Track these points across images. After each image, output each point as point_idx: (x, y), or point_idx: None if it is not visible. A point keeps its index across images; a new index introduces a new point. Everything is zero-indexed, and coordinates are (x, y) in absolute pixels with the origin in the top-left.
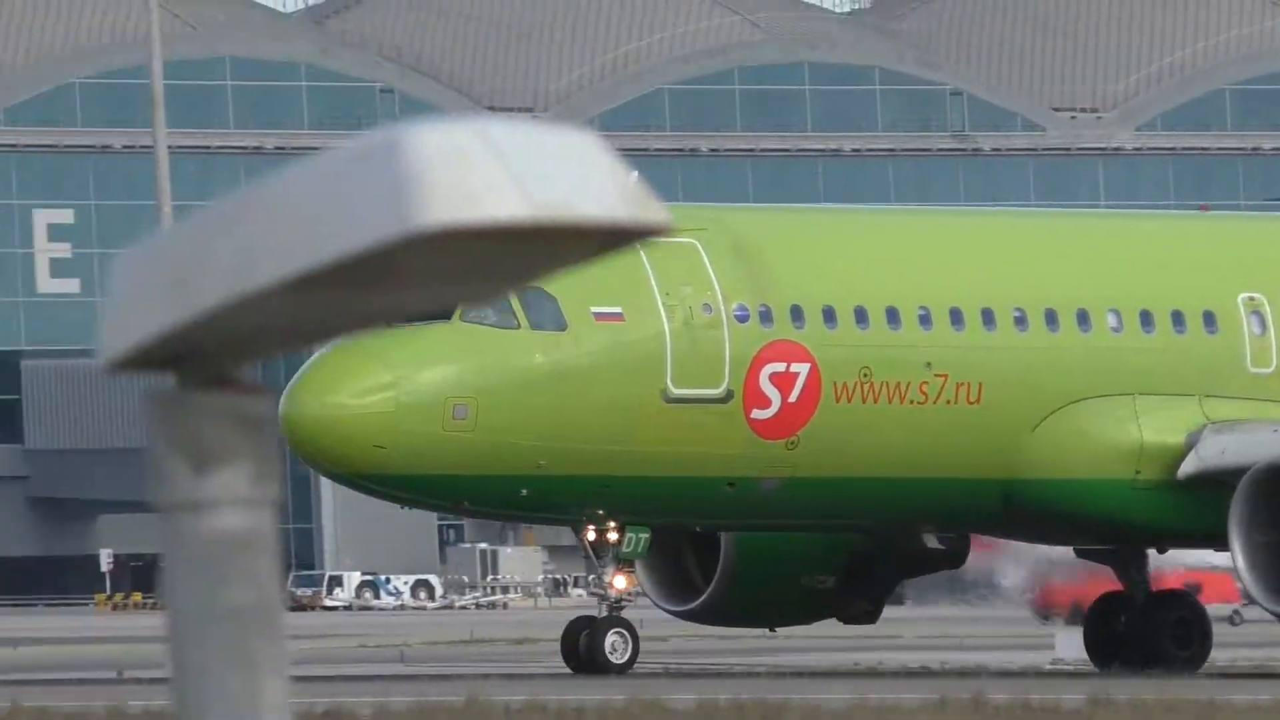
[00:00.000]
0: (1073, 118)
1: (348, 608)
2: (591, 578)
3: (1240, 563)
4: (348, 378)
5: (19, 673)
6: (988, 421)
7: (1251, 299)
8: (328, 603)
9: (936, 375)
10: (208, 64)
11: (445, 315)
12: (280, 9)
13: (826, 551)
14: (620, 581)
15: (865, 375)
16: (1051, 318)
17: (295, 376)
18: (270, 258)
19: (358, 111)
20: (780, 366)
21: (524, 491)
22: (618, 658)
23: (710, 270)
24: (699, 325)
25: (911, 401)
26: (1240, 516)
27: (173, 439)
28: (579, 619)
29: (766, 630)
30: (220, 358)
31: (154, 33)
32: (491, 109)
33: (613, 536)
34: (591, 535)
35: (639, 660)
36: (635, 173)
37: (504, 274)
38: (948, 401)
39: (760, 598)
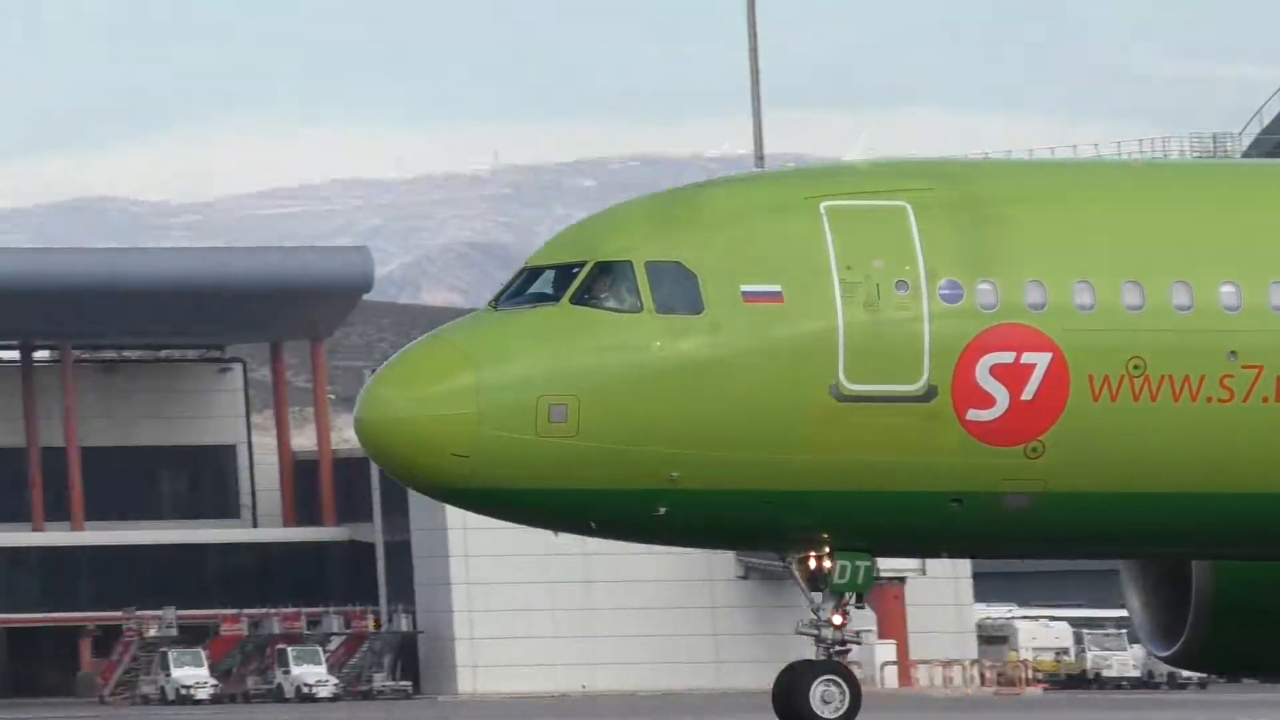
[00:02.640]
0: None
1: None
2: (805, 617)
3: None
4: (426, 375)
5: None
6: None
7: None
8: None
9: (1245, 367)
10: None
11: (554, 297)
12: None
13: None
14: (838, 619)
15: (1136, 368)
16: None
17: (374, 374)
18: None
19: None
20: (1006, 357)
21: (661, 510)
22: (830, 711)
23: (917, 239)
24: (888, 307)
25: (1210, 399)
26: None
27: None
28: (796, 663)
29: None
30: None
31: None
32: None
33: (825, 565)
34: (811, 564)
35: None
36: None
37: None
38: (1264, 399)
39: (1259, 641)
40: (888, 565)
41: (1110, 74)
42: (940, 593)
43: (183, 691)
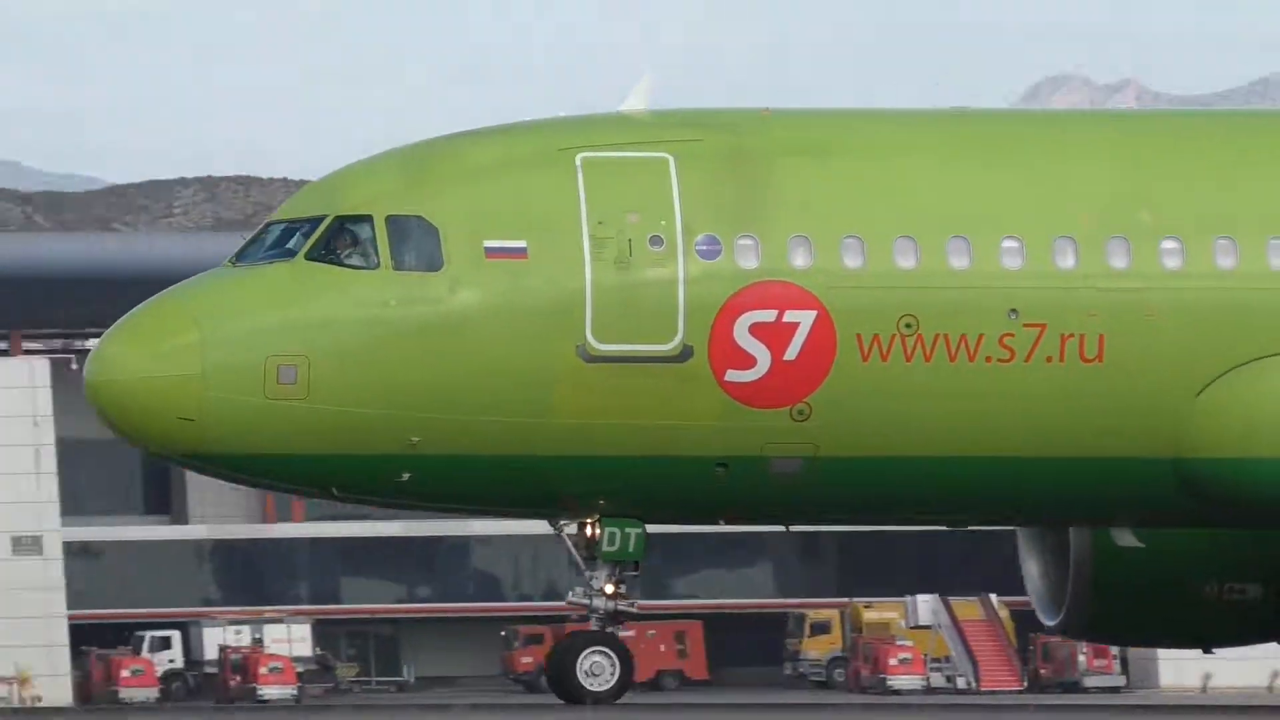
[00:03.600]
0: None
1: None
2: (576, 586)
3: None
4: (150, 334)
5: None
6: (1118, 386)
7: None
8: None
9: (1027, 326)
10: None
11: (292, 253)
12: None
13: (1240, 552)
14: (609, 589)
15: (909, 326)
16: (1224, 247)
17: (103, 336)
18: None
19: None
20: (767, 315)
21: (405, 475)
22: (598, 684)
23: (676, 193)
24: (641, 264)
25: (989, 359)
26: None
27: None
28: (569, 634)
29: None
30: None
31: None
32: None
33: (592, 532)
34: (574, 531)
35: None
36: None
37: None
38: (1048, 359)
39: (1140, 610)
40: None
41: None
42: None
43: None
